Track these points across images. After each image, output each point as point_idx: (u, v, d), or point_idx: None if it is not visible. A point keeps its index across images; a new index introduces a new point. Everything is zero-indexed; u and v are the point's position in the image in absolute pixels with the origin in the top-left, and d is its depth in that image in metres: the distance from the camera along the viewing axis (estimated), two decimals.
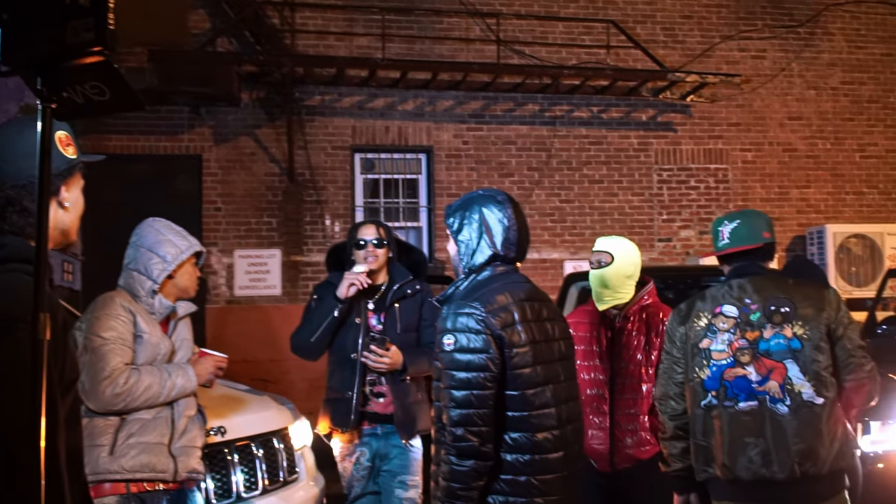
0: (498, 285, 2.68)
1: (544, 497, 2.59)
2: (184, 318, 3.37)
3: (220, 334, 8.46)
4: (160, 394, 3.09)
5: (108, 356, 3.03)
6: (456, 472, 2.53)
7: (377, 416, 4.06)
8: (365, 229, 4.17)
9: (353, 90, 9.38)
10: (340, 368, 4.07)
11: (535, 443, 2.58)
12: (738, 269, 3.12)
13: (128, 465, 3.03)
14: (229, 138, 9.15)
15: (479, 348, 2.55)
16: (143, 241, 3.26)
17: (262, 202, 9.20)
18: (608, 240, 4.04)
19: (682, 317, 3.08)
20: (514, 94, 9.66)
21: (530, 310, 2.66)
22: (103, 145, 8.81)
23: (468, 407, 2.52)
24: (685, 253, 9.92)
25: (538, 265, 9.51)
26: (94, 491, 3.00)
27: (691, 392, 3.03)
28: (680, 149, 10.04)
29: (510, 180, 9.65)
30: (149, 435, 3.08)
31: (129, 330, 3.12)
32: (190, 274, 3.31)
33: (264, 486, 3.89)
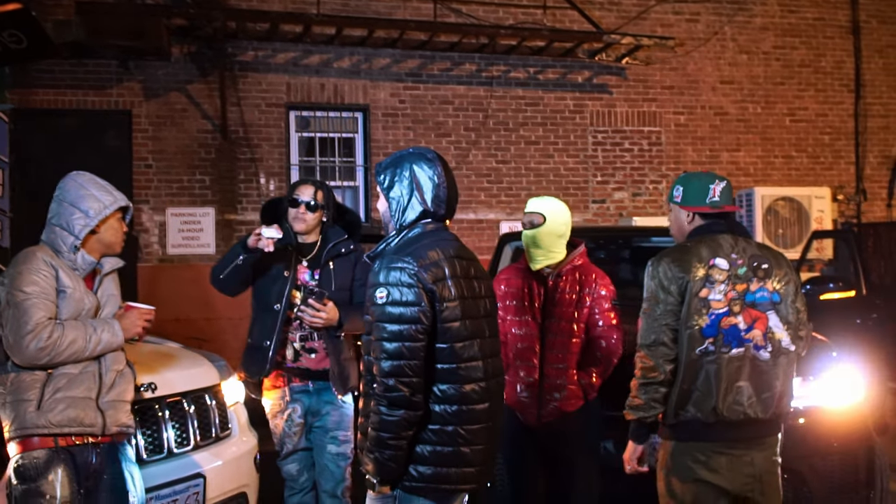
0: (429, 241, 2.74)
1: (470, 446, 2.69)
2: (110, 273, 3.33)
3: (152, 293, 8.34)
4: (85, 348, 3.05)
5: (31, 310, 2.98)
6: (386, 422, 2.60)
7: (309, 373, 4.08)
8: (303, 189, 4.16)
9: (287, 46, 9.24)
10: (262, 318, 4.08)
11: (462, 394, 2.67)
12: (711, 225, 3.30)
13: (55, 420, 3.00)
14: (160, 94, 8.95)
15: (411, 301, 2.62)
16: (66, 196, 3.19)
17: (194, 159, 9.04)
18: (540, 200, 4.12)
19: (680, 266, 3.17)
20: (451, 54, 9.63)
21: (459, 266, 2.74)
22: (30, 99, 8.55)
23: (399, 358, 2.60)
24: (618, 214, 10.10)
25: (474, 225, 9.59)
26: (23, 445, 2.99)
27: (687, 339, 3.16)
28: (615, 111, 10.17)
29: (447, 140, 9.66)
30: (76, 389, 3.05)
31: (51, 285, 3.07)
32: (115, 229, 3.25)
33: (196, 441, 3.89)
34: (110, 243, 3.25)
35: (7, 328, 3.00)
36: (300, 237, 4.16)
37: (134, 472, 3.26)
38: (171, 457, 3.75)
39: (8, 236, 7.74)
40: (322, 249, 4.16)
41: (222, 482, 3.92)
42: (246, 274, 4.05)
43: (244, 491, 4.10)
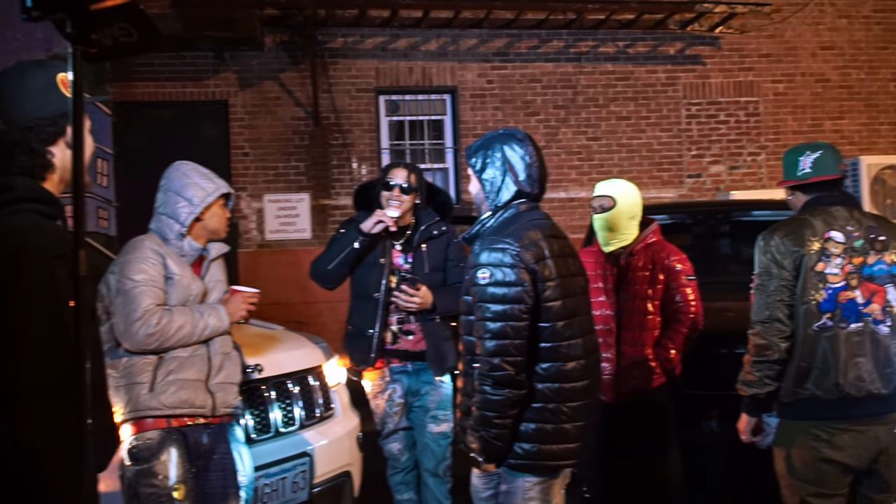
0: (525, 222, 2.78)
1: (572, 423, 2.73)
2: (216, 259, 3.43)
3: (252, 278, 8.57)
4: (193, 333, 3.15)
5: (140, 297, 3.09)
6: (491, 401, 2.65)
7: (407, 354, 4.14)
8: (396, 172, 4.18)
9: (375, 31, 9.31)
10: (362, 306, 4.15)
11: (564, 372, 2.72)
12: (821, 198, 3.20)
13: (167, 402, 3.11)
14: (254, 83, 9.15)
15: (514, 281, 2.66)
16: (171, 185, 3.30)
17: (288, 146, 9.23)
18: (608, 183, 4.10)
19: (794, 240, 3.10)
20: (539, 31, 9.52)
21: (557, 245, 2.78)
22: (131, 93, 8.87)
23: (504, 338, 2.64)
24: (715, 188, 9.83)
25: (565, 204, 9.49)
26: (137, 426, 3.11)
27: (803, 314, 3.09)
28: (709, 82, 9.88)
29: (536, 119, 9.57)
30: (186, 372, 3.16)
31: (159, 272, 3.17)
32: (219, 216, 3.35)
33: (301, 421, 3.99)
34: (215, 229, 3.35)
35: (118, 315, 3.13)
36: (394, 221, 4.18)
37: (243, 452, 3.37)
38: (278, 436, 3.85)
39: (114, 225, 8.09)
40: (415, 232, 4.20)
41: (327, 461, 4.01)
42: (353, 262, 4.12)
43: (348, 470, 4.19)
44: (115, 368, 3.16)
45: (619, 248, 4.03)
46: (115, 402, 3.17)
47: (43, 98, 1.86)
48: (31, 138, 1.83)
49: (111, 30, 1.76)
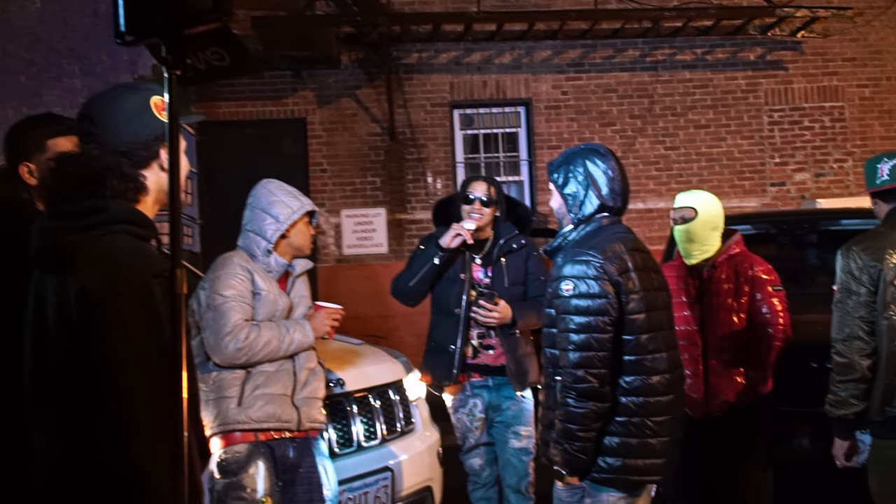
0: (608, 235, 2.78)
1: (657, 437, 2.70)
2: (301, 275, 3.49)
3: (330, 292, 8.68)
4: (279, 348, 3.21)
5: (229, 313, 3.16)
6: (574, 414, 2.64)
7: (488, 368, 4.11)
8: (476, 185, 4.18)
9: (449, 46, 9.36)
10: (443, 322, 4.13)
11: (648, 385, 2.70)
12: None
13: (255, 416, 3.16)
14: (331, 100, 9.30)
15: (598, 293, 2.66)
16: (258, 203, 3.37)
17: (365, 162, 9.34)
18: (689, 195, 4.02)
19: (871, 254, 3.00)
20: (614, 41, 9.43)
21: (640, 258, 2.78)
22: (214, 112, 9.11)
23: (588, 350, 2.64)
24: (800, 197, 9.55)
25: (644, 215, 9.35)
26: (226, 440, 3.18)
27: (885, 330, 3.00)
28: (791, 88, 9.62)
29: (612, 129, 9.47)
30: (273, 387, 3.21)
31: (247, 288, 3.24)
32: (303, 233, 3.41)
33: (383, 435, 4.01)
34: (300, 246, 3.41)
35: (208, 330, 3.20)
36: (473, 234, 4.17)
37: (327, 466, 3.40)
38: (360, 450, 3.88)
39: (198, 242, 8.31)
40: (494, 246, 4.17)
41: (409, 475, 4.01)
42: (434, 278, 4.13)
43: (429, 484, 4.19)
44: (204, 383, 3.23)
45: (702, 260, 3.94)
46: (204, 415, 3.24)
47: (136, 122, 1.89)
48: (124, 162, 1.85)
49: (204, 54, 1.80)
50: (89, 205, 1.80)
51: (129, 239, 1.79)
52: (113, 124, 1.88)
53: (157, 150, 1.91)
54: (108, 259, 1.72)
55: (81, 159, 1.85)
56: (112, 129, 1.87)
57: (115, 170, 1.84)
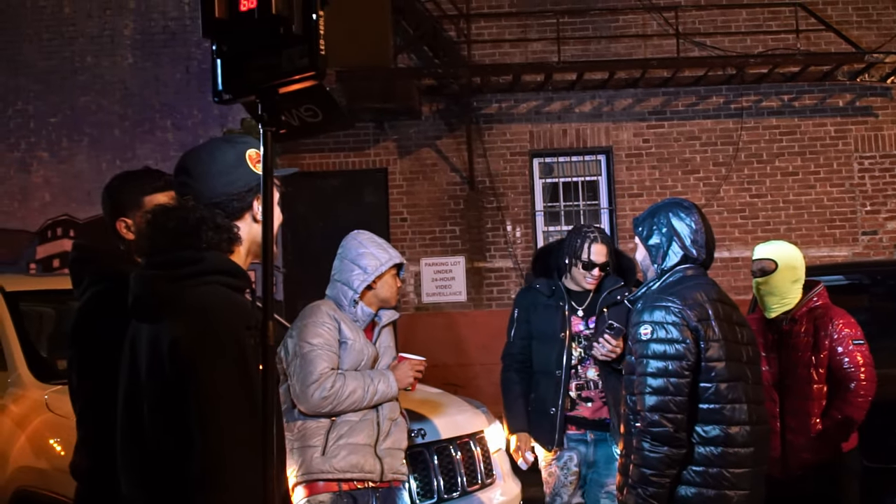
0: (691, 284, 2.79)
1: (735, 490, 2.64)
2: (387, 325, 3.51)
3: (410, 340, 8.71)
4: (364, 398, 3.22)
5: (316, 361, 3.20)
6: (649, 458, 2.63)
7: (585, 422, 3.96)
8: (598, 249, 4.00)
9: (529, 95, 9.42)
10: (544, 382, 3.99)
11: (727, 435, 2.66)
12: None
13: (339, 466, 3.18)
14: (412, 150, 9.43)
15: (676, 338, 2.66)
16: (347, 254, 3.43)
17: (444, 211, 9.41)
18: (769, 245, 3.93)
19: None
20: (697, 88, 9.34)
21: (722, 309, 2.77)
22: (298, 163, 9.33)
23: (664, 394, 2.63)
24: (893, 246, 9.20)
25: (729, 264, 9.14)
26: (309, 489, 3.19)
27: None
28: (882, 134, 9.34)
29: (695, 177, 9.34)
30: (357, 436, 3.22)
31: (334, 337, 3.28)
32: (390, 285, 3.45)
33: (463, 487, 3.97)
34: (386, 298, 3.45)
35: (294, 378, 3.24)
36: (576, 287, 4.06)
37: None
38: (441, 502, 3.85)
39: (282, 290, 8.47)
40: (597, 297, 4.04)
41: None
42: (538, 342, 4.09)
43: None
44: (290, 431, 3.26)
45: (781, 313, 3.83)
46: (288, 464, 3.26)
47: (232, 174, 1.93)
48: (218, 214, 1.88)
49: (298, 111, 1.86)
50: (185, 256, 1.83)
51: (224, 290, 1.81)
52: (209, 176, 1.91)
53: (251, 201, 1.94)
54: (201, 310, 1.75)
55: (178, 212, 1.89)
56: (208, 181, 1.91)
57: (209, 221, 1.86)
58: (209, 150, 1.98)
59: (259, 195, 1.89)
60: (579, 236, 4.06)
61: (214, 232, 1.87)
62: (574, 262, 4.02)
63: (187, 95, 9.26)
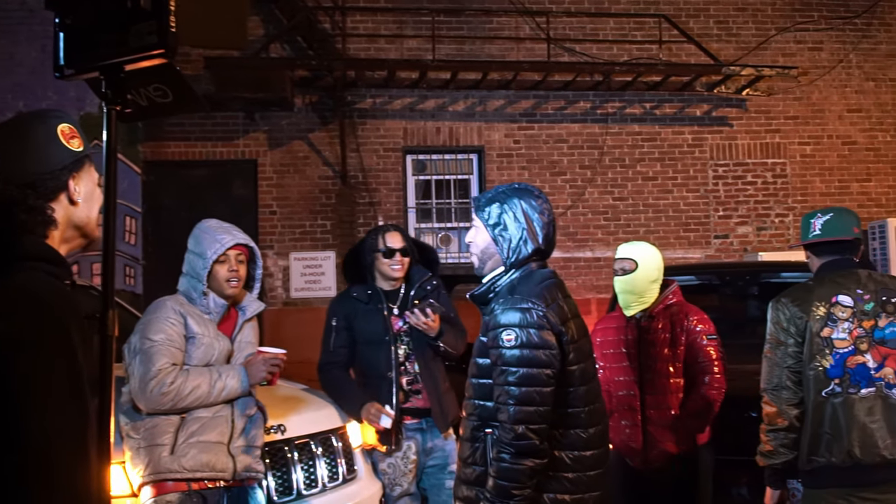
0: (541, 280, 2.60)
1: (591, 492, 2.55)
2: (250, 319, 3.41)
3: (276, 336, 8.56)
4: (209, 394, 3.11)
5: (155, 357, 3.08)
6: (511, 471, 2.45)
7: (419, 411, 4.08)
8: (392, 236, 4.14)
9: (403, 92, 9.43)
10: (377, 386, 4.06)
11: (585, 439, 2.54)
12: (836, 262, 3.19)
13: (188, 465, 3.07)
14: (283, 143, 9.27)
15: (542, 344, 2.46)
16: (192, 244, 3.31)
17: (315, 205, 9.30)
18: (630, 246, 4.06)
19: (799, 306, 3.07)
20: (566, 92, 9.61)
21: (568, 306, 2.61)
22: (162, 152, 9.01)
23: (530, 404, 2.44)
24: (742, 249, 9.75)
25: (592, 264, 9.44)
26: (157, 488, 3.07)
27: (812, 381, 3.05)
28: (736, 143, 9.88)
29: (562, 178, 9.60)
30: (208, 434, 3.12)
31: (178, 332, 3.15)
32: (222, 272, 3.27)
33: (324, 483, 3.92)
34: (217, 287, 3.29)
35: (134, 375, 3.11)
36: (388, 285, 4.17)
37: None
38: (300, 498, 3.78)
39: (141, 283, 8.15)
40: (409, 291, 4.18)
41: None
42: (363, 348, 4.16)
43: None
44: (136, 431, 3.13)
45: (640, 310, 3.99)
46: (136, 463, 3.13)
47: (42, 152, 1.77)
48: (30, 195, 1.71)
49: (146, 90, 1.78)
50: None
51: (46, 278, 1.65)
52: (18, 156, 1.74)
53: (66, 181, 1.77)
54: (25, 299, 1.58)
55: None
56: (17, 160, 1.73)
57: (20, 203, 1.69)
58: (15, 126, 1.80)
59: (75, 174, 1.76)
60: (374, 232, 4.25)
61: (28, 214, 1.70)
62: (375, 255, 4.15)
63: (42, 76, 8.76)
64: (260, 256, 3.47)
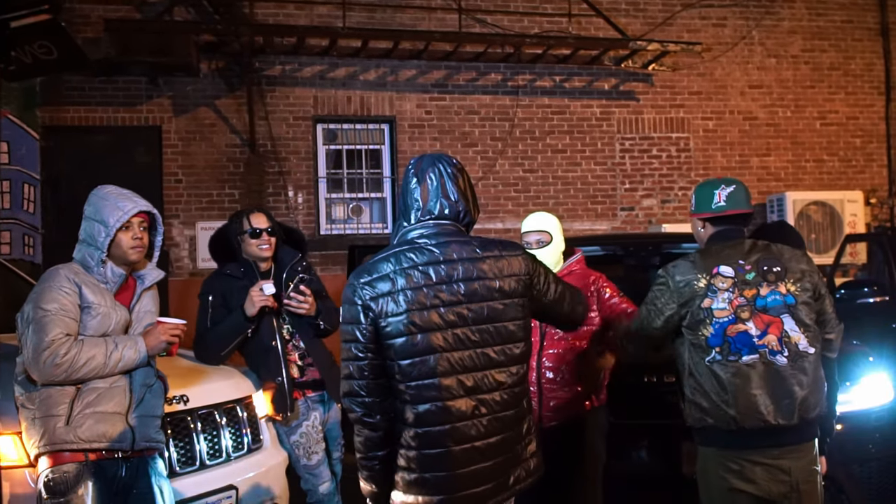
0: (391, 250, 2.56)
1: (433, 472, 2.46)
2: (150, 288, 3.34)
3: (183, 306, 8.38)
4: (105, 364, 3.05)
5: (48, 327, 3.00)
6: (356, 441, 2.56)
7: (316, 383, 4.23)
8: (257, 217, 4.25)
9: (314, 60, 9.29)
10: (264, 359, 4.16)
11: (416, 415, 2.46)
12: (725, 232, 3.29)
13: (84, 435, 3.01)
14: (189, 109, 9.03)
15: (351, 318, 2.50)
16: (89, 211, 3.21)
17: (223, 173, 9.11)
18: (541, 217, 4.09)
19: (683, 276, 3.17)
20: (477, 64, 9.63)
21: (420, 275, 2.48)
22: (61, 116, 8.67)
23: (349, 378, 2.52)
24: (647, 221, 10.03)
25: (502, 234, 9.55)
26: (53, 459, 3.01)
27: (693, 349, 3.15)
28: (642, 118, 10.11)
29: (473, 150, 9.65)
30: (105, 404, 3.06)
31: (73, 302, 3.07)
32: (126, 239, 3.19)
33: (229, 453, 3.90)
34: (119, 254, 3.21)
35: (27, 345, 3.02)
36: (259, 266, 4.26)
37: (164, 486, 3.26)
38: (204, 468, 3.76)
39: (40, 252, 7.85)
40: (280, 272, 4.27)
41: (255, 493, 3.92)
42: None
43: (277, 502, 4.10)
44: (31, 401, 3.05)
45: None
46: (31, 434, 3.06)
47: None
48: None
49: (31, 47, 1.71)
50: None
51: None
52: None
53: None
54: None
55: None
56: None
57: None
58: None
59: None
60: (237, 215, 4.35)
61: None
62: (242, 237, 4.24)
63: None
64: (161, 223, 3.39)
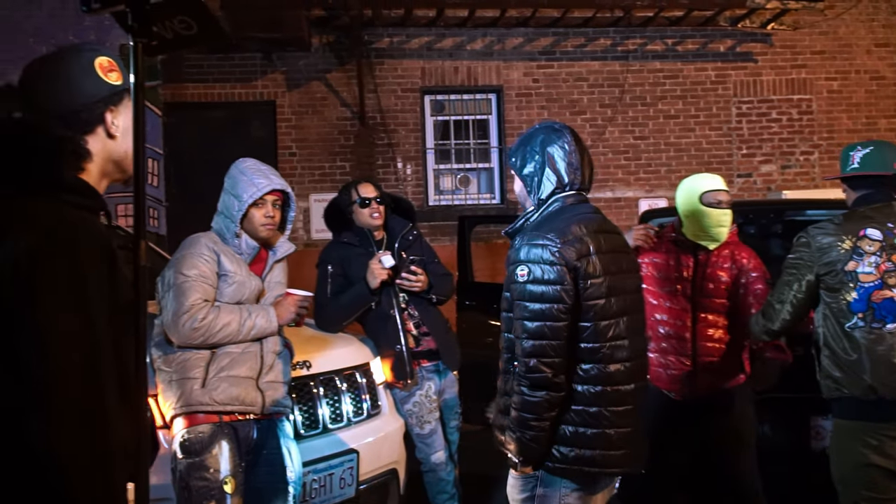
0: (570, 216, 2.66)
1: (615, 428, 2.60)
2: (281, 260, 3.45)
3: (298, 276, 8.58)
4: (239, 331, 3.17)
5: (189, 292, 3.12)
6: (528, 403, 2.55)
7: (432, 353, 4.32)
8: (365, 188, 4.35)
9: (420, 31, 9.31)
10: (383, 327, 4.28)
11: (607, 374, 2.58)
12: (870, 195, 3.15)
13: (219, 398, 3.13)
14: (301, 83, 9.22)
15: (554, 280, 2.54)
16: (228, 184, 3.33)
17: (334, 146, 9.28)
18: (717, 178, 3.89)
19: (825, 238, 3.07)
20: (585, 29, 9.45)
21: (605, 241, 2.64)
22: (181, 94, 8.98)
23: (541, 338, 2.54)
24: (766, 188, 9.66)
25: (612, 204, 9.39)
26: (189, 420, 3.15)
27: (835, 313, 3.04)
28: (760, 80, 9.71)
29: (582, 118, 9.50)
30: (238, 369, 3.18)
31: (211, 269, 3.20)
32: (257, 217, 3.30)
33: (349, 418, 3.99)
34: (251, 229, 3.32)
35: (167, 309, 3.16)
36: (374, 233, 4.38)
37: (291, 448, 3.37)
38: (326, 432, 3.86)
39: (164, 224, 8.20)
40: (392, 241, 4.38)
41: (374, 458, 4.01)
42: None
43: (395, 468, 4.18)
44: (168, 364, 3.19)
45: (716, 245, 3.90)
46: (167, 396, 3.20)
47: (76, 84, 1.75)
48: (57, 125, 1.69)
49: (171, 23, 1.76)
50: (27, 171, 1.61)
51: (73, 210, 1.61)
52: (51, 87, 1.73)
53: (102, 113, 1.75)
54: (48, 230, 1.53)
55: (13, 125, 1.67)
56: (50, 92, 1.72)
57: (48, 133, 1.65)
58: (52, 59, 1.78)
59: (113, 107, 1.75)
60: (346, 188, 4.46)
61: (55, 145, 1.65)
62: (352, 207, 4.35)
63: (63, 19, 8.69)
64: (294, 200, 3.49)
